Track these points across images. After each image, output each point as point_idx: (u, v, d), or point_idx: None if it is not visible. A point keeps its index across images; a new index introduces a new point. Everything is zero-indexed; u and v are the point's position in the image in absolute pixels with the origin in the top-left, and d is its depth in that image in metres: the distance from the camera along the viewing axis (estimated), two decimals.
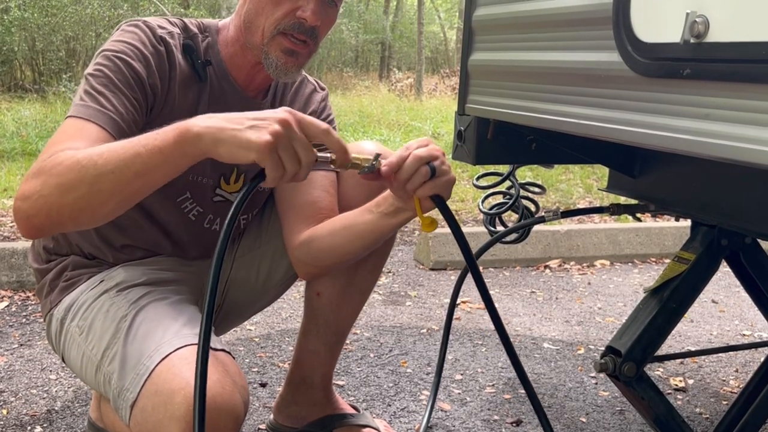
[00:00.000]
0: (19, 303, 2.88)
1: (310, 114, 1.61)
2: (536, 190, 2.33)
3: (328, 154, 1.18)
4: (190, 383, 1.12)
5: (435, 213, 1.33)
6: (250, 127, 1.08)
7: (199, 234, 1.58)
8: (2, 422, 1.94)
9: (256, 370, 2.32)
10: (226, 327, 1.81)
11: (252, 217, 1.70)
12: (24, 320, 2.70)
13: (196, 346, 1.19)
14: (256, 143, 1.06)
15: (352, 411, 1.87)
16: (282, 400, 1.86)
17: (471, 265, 1.32)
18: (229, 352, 1.28)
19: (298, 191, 1.57)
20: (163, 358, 1.20)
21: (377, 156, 1.25)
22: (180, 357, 1.20)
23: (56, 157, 1.15)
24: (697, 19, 1.03)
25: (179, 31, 1.46)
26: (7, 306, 2.84)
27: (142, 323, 1.32)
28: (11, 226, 3.73)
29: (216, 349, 1.24)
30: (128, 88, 1.33)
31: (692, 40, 1.04)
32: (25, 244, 3.17)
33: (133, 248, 1.53)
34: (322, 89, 1.67)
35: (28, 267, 3.01)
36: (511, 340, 2.66)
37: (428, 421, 1.96)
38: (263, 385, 2.20)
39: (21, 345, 2.46)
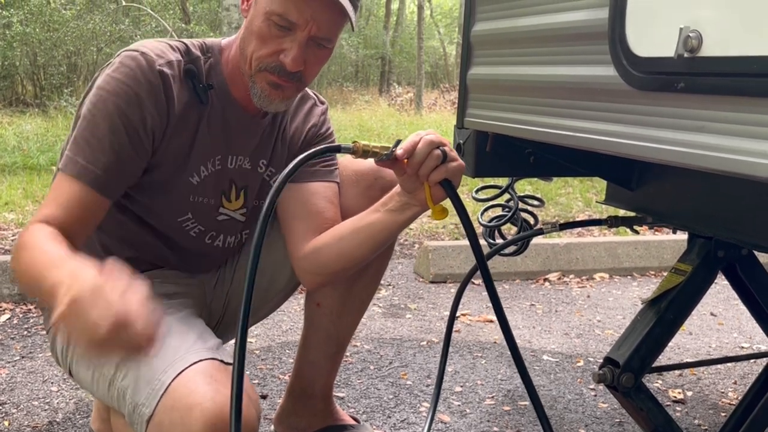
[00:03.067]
0: (21, 315, 2.89)
1: (310, 128, 1.64)
2: (535, 203, 2.35)
3: (351, 144, 1.27)
4: (207, 397, 1.15)
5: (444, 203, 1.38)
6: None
7: (201, 249, 1.59)
8: None
9: (256, 382, 2.33)
10: (230, 336, 1.82)
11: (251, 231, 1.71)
12: (25, 332, 2.71)
13: (212, 361, 1.24)
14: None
15: (353, 422, 1.88)
16: (282, 411, 1.87)
17: (477, 251, 1.38)
18: None
19: (303, 202, 1.59)
20: (179, 374, 1.22)
21: (398, 142, 1.32)
22: (196, 372, 1.21)
23: (24, 237, 1.28)
24: (690, 34, 1.05)
25: (180, 57, 1.44)
26: (9, 318, 2.85)
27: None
28: (12, 239, 3.74)
29: (230, 364, 1.26)
30: (119, 136, 1.35)
31: (686, 55, 1.06)
32: None
33: (138, 261, 1.55)
34: (322, 103, 1.69)
35: None
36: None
37: None
38: (264, 397, 2.21)
39: (23, 357, 2.47)
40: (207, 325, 1.49)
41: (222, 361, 1.26)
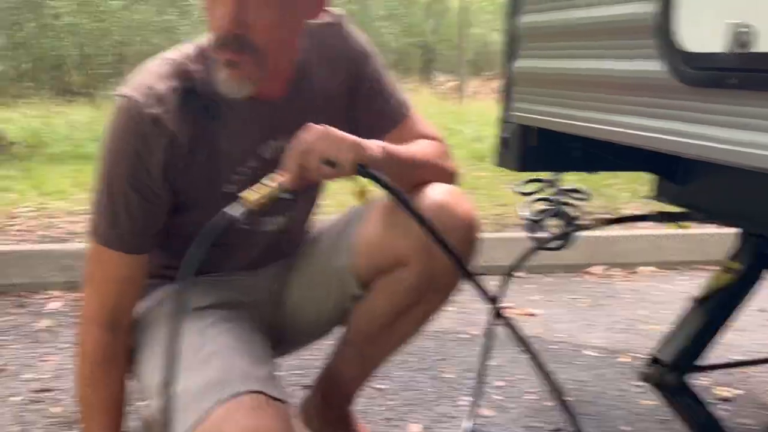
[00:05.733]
0: (71, 303, 2.96)
1: (339, 56, 1.48)
2: (580, 196, 2.32)
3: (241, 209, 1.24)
4: None
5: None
6: None
7: (250, 239, 1.52)
8: (55, 420, 2.00)
9: None
10: (292, 351, 1.77)
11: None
12: (75, 320, 2.77)
13: (257, 395, 1.21)
14: None
15: None
16: (307, 401, 1.77)
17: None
18: (286, 401, 1.28)
19: None
20: (221, 402, 1.19)
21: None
22: (239, 404, 1.19)
23: (81, 346, 1.57)
24: (743, 29, 1.03)
25: (172, 83, 1.32)
26: (60, 306, 2.92)
27: (211, 357, 1.31)
28: (62, 228, 3.83)
29: (278, 399, 1.25)
30: (130, 198, 1.34)
31: (738, 50, 1.04)
32: (78, 245, 3.26)
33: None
34: (335, 20, 1.48)
35: (79, 268, 3.08)
36: (553, 346, 2.66)
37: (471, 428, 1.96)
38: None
39: (72, 344, 2.53)
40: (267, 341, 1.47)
41: (269, 395, 1.23)
